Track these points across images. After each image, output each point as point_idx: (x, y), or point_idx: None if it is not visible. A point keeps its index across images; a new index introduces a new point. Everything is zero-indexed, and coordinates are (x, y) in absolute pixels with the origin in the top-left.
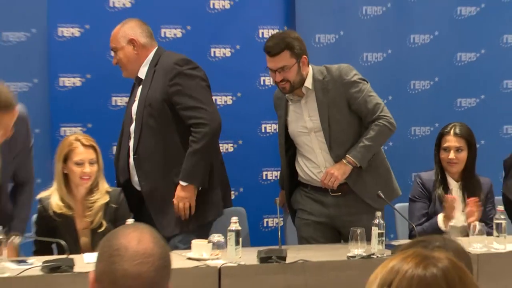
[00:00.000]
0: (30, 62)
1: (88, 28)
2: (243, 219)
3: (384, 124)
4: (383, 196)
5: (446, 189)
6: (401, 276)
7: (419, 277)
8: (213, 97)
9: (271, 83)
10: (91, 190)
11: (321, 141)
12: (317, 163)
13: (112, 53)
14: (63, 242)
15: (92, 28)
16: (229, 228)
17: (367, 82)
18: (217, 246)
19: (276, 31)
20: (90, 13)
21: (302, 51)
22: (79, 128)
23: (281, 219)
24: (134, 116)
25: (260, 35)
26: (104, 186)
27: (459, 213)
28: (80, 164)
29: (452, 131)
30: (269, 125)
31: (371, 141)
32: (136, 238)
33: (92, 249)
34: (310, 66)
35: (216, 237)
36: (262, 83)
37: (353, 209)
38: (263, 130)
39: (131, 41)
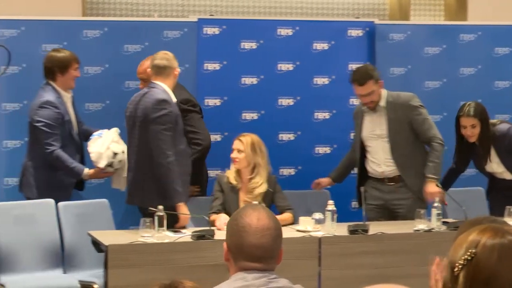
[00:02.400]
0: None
1: (225, 63)
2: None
3: (439, 143)
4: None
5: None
6: (482, 246)
7: (500, 244)
8: (316, 114)
9: (358, 103)
10: (251, 175)
11: (385, 146)
12: (378, 162)
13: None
14: (206, 217)
15: (228, 63)
16: (326, 208)
17: (425, 108)
18: (318, 221)
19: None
20: (227, 53)
21: (379, 78)
22: None
23: (365, 202)
24: None
25: (350, 69)
26: (264, 173)
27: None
28: (233, 150)
29: (465, 112)
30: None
31: (437, 158)
32: (256, 216)
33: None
34: (384, 90)
35: (317, 215)
36: (351, 103)
37: (402, 195)
38: (351, 138)
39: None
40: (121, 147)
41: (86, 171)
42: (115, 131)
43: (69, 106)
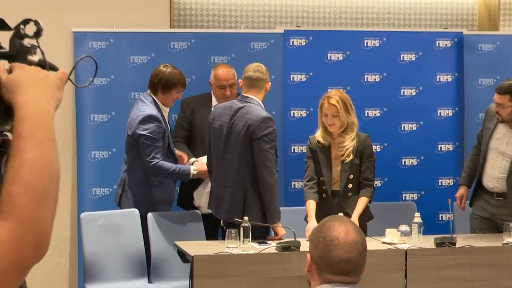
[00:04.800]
0: (270, 98)
1: (312, 74)
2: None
3: None
4: None
5: None
6: None
7: None
8: (403, 125)
9: (445, 114)
10: (341, 134)
11: (503, 164)
12: (491, 177)
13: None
14: (292, 230)
15: (315, 74)
16: (413, 220)
17: None
18: (404, 234)
19: (449, 76)
20: (313, 64)
21: None
22: None
23: (452, 214)
24: None
25: (437, 80)
26: (353, 132)
27: None
28: (326, 115)
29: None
30: (445, 144)
31: None
32: (344, 230)
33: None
34: None
35: (403, 227)
36: (438, 114)
37: (509, 210)
38: (438, 149)
39: None
40: None
41: (193, 168)
42: None
43: (166, 120)
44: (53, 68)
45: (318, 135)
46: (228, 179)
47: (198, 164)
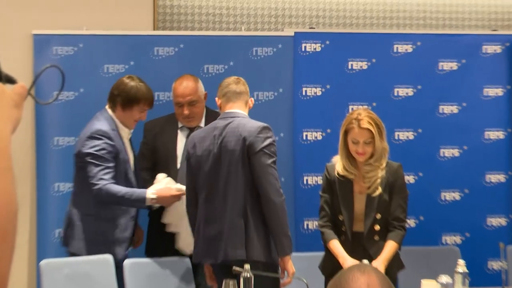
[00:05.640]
0: (276, 117)
1: (329, 88)
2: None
3: None
4: None
5: None
6: None
7: None
8: (442, 151)
9: (495, 137)
10: (369, 163)
11: None
12: None
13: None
14: (304, 280)
15: (332, 88)
16: (456, 269)
17: None
18: (445, 286)
19: (499, 90)
20: (331, 75)
21: None
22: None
23: (505, 262)
24: None
25: (485, 94)
26: (384, 161)
27: None
28: (356, 142)
29: None
30: (495, 174)
31: None
32: (365, 283)
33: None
34: None
35: (444, 278)
36: (486, 136)
37: None
38: (487, 180)
39: None
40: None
41: (150, 192)
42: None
43: (126, 143)
44: (10, 80)
45: (339, 166)
46: (222, 209)
47: (160, 189)
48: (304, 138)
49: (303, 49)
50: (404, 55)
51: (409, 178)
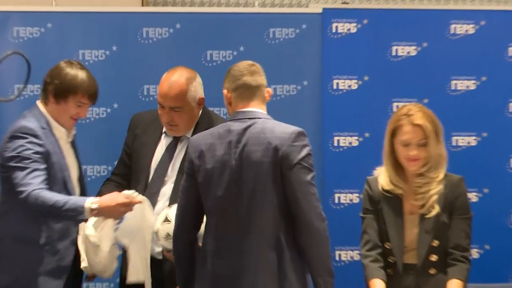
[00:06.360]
0: (300, 116)
1: (367, 80)
2: None
3: None
4: None
5: None
6: None
7: None
8: None
9: None
10: (422, 174)
11: None
12: None
13: None
14: None
15: (372, 79)
16: None
17: None
18: None
19: None
20: (370, 63)
21: None
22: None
23: None
24: None
25: None
26: (441, 172)
27: None
28: (406, 144)
29: None
30: None
31: None
32: None
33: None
34: None
35: None
36: None
37: None
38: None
39: None
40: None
41: (90, 201)
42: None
43: (63, 145)
44: None
45: (384, 178)
46: (245, 238)
47: (103, 197)
48: (336, 144)
49: (333, 30)
50: (464, 37)
51: (471, 196)
